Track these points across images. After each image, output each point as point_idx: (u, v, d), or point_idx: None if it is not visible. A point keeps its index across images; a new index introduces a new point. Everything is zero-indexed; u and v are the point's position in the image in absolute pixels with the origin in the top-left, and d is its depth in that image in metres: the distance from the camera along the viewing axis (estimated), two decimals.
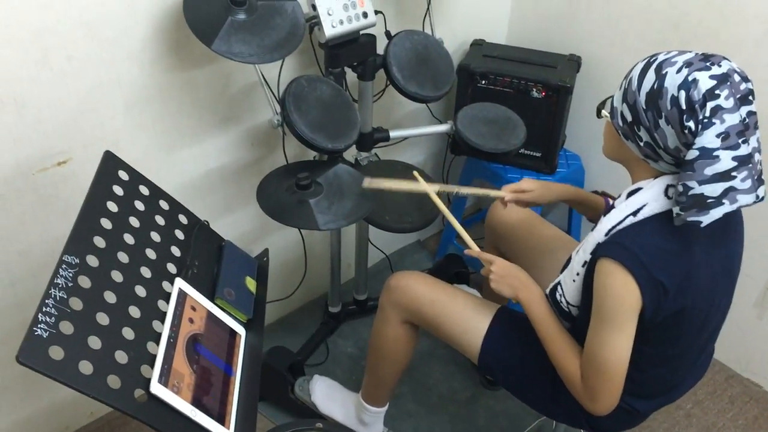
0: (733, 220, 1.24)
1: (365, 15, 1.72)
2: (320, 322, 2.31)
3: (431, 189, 1.63)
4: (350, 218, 1.60)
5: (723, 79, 1.11)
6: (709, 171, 1.10)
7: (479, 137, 1.91)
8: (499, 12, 2.42)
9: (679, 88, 1.12)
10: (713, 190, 1.11)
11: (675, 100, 1.13)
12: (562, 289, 1.38)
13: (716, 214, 1.13)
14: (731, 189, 1.11)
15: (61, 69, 1.46)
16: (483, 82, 2.17)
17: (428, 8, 2.03)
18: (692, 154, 1.11)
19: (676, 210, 1.16)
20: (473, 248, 1.53)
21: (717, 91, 1.10)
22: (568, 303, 1.37)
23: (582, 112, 2.29)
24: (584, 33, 2.25)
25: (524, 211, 1.82)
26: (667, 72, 1.15)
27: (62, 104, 1.50)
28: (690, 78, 1.12)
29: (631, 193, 1.26)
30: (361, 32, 1.76)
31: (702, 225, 1.13)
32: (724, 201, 1.12)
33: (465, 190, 1.70)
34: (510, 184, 1.66)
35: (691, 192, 1.12)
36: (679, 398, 1.50)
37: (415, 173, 1.71)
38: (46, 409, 1.86)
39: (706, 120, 1.10)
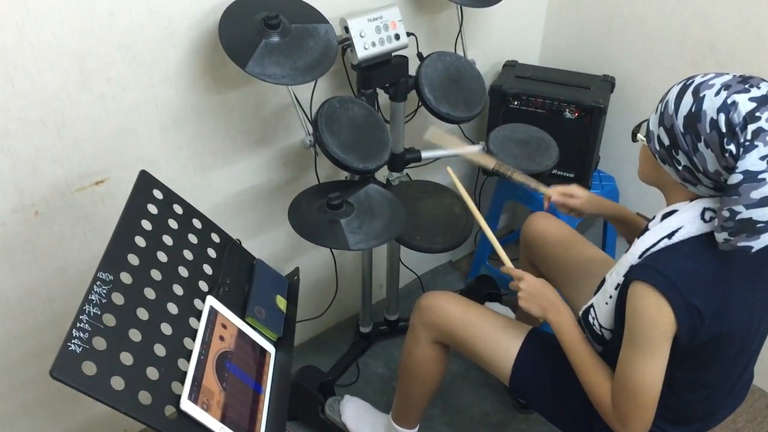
0: None
1: (397, 37, 1.74)
2: (351, 342, 2.31)
3: (489, 163, 1.70)
4: (381, 238, 1.60)
5: (763, 101, 1.09)
6: (756, 195, 1.07)
7: (511, 158, 1.90)
8: (532, 33, 2.42)
9: (719, 111, 1.10)
10: (763, 214, 1.08)
11: (714, 123, 1.11)
12: (595, 312, 1.36)
13: (767, 239, 1.10)
14: None
15: (100, 91, 1.50)
16: (515, 102, 2.17)
17: (460, 30, 2.04)
18: (736, 178, 1.09)
19: (724, 236, 1.13)
20: (506, 262, 1.52)
21: (758, 113, 1.08)
22: (601, 326, 1.35)
23: (616, 133, 2.27)
24: (618, 53, 2.24)
25: (562, 226, 1.80)
26: (705, 95, 1.13)
27: (101, 125, 1.54)
28: (729, 101, 1.10)
29: (665, 216, 1.24)
30: (393, 54, 1.77)
31: (752, 250, 1.11)
32: None
33: (519, 176, 1.72)
34: (560, 186, 1.65)
35: (738, 217, 1.09)
36: (716, 425, 1.46)
37: (449, 169, 1.72)
38: (81, 425, 1.89)
39: (747, 143, 1.08)
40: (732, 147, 1.09)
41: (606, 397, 1.30)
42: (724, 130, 1.10)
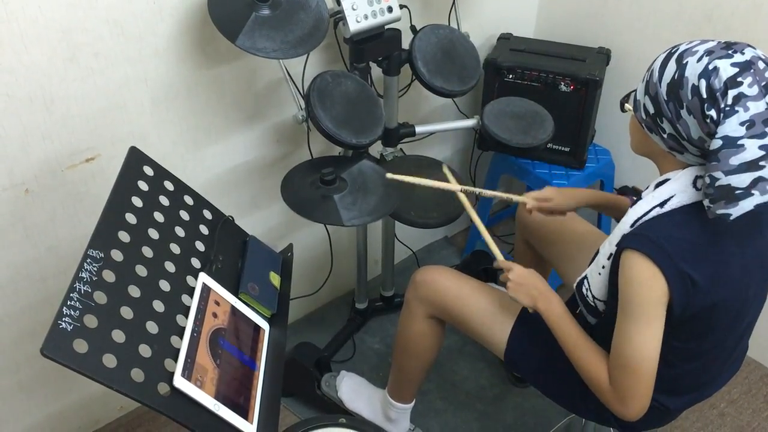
0: (767, 212, 1.21)
1: (390, 9, 1.71)
2: (347, 318, 2.31)
3: (455, 188, 1.61)
4: (375, 214, 1.59)
5: (746, 67, 1.08)
6: (735, 161, 1.07)
7: (506, 132, 1.89)
8: (527, 5, 2.39)
9: (700, 77, 1.10)
10: (741, 180, 1.08)
11: (695, 89, 1.10)
12: (588, 282, 1.36)
13: (746, 205, 1.09)
14: (760, 179, 1.08)
15: (88, 66, 1.48)
16: (510, 76, 2.15)
17: (454, 2, 2.01)
18: (716, 143, 1.08)
19: (705, 203, 1.13)
20: (498, 256, 1.51)
21: (739, 79, 1.07)
22: (594, 297, 1.35)
23: (612, 106, 2.25)
24: (614, 25, 2.22)
25: None
26: (687, 61, 1.12)
27: (90, 101, 1.52)
28: (711, 66, 1.09)
29: (658, 184, 1.24)
30: (386, 27, 1.75)
31: (731, 218, 1.10)
32: (753, 192, 1.08)
33: (488, 193, 1.68)
34: (533, 192, 1.64)
35: (717, 183, 1.09)
36: (711, 395, 1.47)
37: (445, 169, 1.69)
38: (77, 403, 1.89)
39: (728, 108, 1.07)
40: (713, 113, 1.09)
41: (603, 378, 1.28)
42: (704, 95, 1.09)
